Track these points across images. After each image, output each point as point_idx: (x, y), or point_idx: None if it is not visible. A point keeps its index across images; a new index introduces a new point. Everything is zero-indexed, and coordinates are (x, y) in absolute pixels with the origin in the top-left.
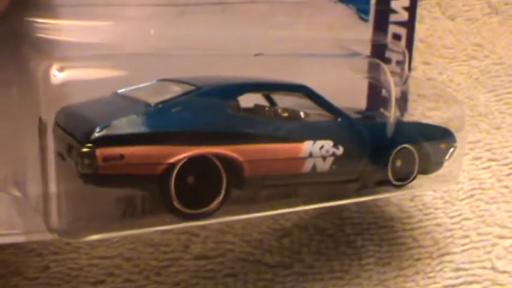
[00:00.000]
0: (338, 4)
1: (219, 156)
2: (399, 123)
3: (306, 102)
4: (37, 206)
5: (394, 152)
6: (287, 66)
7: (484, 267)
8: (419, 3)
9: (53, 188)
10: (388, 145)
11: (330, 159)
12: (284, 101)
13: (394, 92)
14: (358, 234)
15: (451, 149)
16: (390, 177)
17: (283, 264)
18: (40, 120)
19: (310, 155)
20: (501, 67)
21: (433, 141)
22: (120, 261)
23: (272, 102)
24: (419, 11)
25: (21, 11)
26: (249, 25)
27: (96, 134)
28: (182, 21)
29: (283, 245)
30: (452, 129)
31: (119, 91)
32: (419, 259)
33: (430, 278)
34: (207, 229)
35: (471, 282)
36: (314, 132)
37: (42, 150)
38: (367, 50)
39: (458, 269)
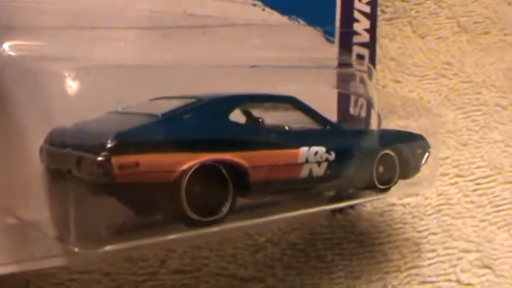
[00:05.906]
0: (307, 27)
1: (227, 163)
2: (379, 131)
3: (289, 117)
4: (46, 227)
5: (378, 157)
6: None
7: (450, 280)
8: (391, 22)
9: (62, 206)
10: (372, 151)
11: (324, 165)
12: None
13: (376, 102)
14: (329, 249)
15: (426, 154)
16: (376, 181)
17: (256, 278)
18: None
19: (307, 161)
20: (469, 85)
21: (410, 147)
22: (99, 276)
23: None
24: (391, 30)
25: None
26: (228, 46)
27: (111, 143)
28: (167, 43)
29: (256, 259)
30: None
31: (113, 110)
32: (387, 272)
33: None
34: (184, 245)
35: None
36: (308, 139)
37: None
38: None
39: (424, 282)
